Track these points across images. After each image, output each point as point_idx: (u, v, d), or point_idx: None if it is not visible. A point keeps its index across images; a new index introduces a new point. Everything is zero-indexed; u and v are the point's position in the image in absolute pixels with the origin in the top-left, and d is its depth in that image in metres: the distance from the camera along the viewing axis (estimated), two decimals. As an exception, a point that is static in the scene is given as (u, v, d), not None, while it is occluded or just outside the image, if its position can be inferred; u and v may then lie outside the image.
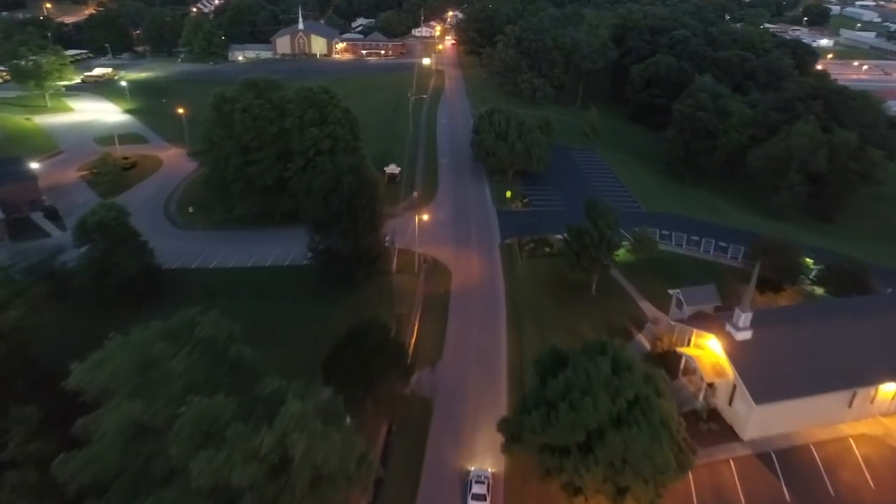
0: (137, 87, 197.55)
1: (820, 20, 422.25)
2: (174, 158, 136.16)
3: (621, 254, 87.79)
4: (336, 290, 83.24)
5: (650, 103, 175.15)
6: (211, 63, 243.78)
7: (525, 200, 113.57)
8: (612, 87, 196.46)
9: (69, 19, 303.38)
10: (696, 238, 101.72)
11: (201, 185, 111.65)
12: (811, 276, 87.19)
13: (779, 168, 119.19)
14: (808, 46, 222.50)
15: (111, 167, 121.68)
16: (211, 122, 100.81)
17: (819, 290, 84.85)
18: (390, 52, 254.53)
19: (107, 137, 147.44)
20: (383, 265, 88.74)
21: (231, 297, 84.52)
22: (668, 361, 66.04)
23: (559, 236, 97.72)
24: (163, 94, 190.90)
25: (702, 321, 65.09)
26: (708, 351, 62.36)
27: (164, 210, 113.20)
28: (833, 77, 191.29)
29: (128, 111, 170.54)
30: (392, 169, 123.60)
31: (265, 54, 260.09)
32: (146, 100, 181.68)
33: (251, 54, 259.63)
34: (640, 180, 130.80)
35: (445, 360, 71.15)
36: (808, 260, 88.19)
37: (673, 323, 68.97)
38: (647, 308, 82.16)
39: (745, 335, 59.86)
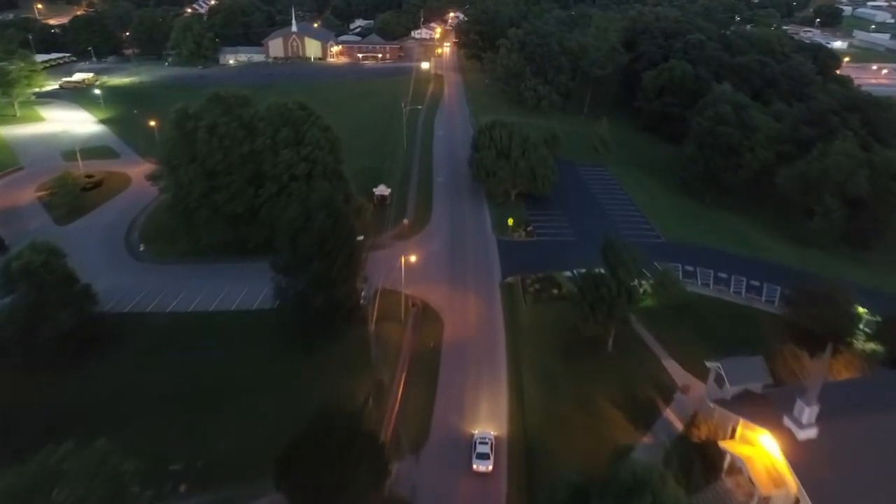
0: (118, 94, 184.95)
1: (832, 21, 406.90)
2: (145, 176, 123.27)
3: (643, 298, 74.47)
4: (309, 339, 70.30)
5: (664, 112, 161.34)
6: (200, 67, 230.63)
7: (529, 228, 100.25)
8: (622, 95, 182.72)
9: (59, 20, 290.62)
10: (724, 276, 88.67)
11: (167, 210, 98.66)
12: (866, 329, 73.70)
13: (812, 190, 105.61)
14: (829, 50, 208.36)
15: (70, 187, 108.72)
16: (171, 143, 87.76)
17: (874, 347, 71.35)
18: (387, 56, 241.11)
19: (75, 151, 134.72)
20: (363, 312, 75.55)
21: (187, 350, 72.58)
22: (708, 455, 52.92)
23: (568, 274, 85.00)
24: (144, 101, 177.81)
25: (750, 407, 51.72)
26: (760, 449, 49.14)
27: (125, 238, 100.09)
28: (856, 83, 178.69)
29: (102, 121, 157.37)
30: (381, 190, 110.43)
31: (258, 57, 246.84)
32: (125, 108, 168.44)
33: (243, 57, 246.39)
34: (657, 202, 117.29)
35: (432, 445, 58.01)
36: (861, 309, 74.70)
37: (712, 405, 55.57)
38: (674, 369, 68.90)
39: (810, 433, 46.67)
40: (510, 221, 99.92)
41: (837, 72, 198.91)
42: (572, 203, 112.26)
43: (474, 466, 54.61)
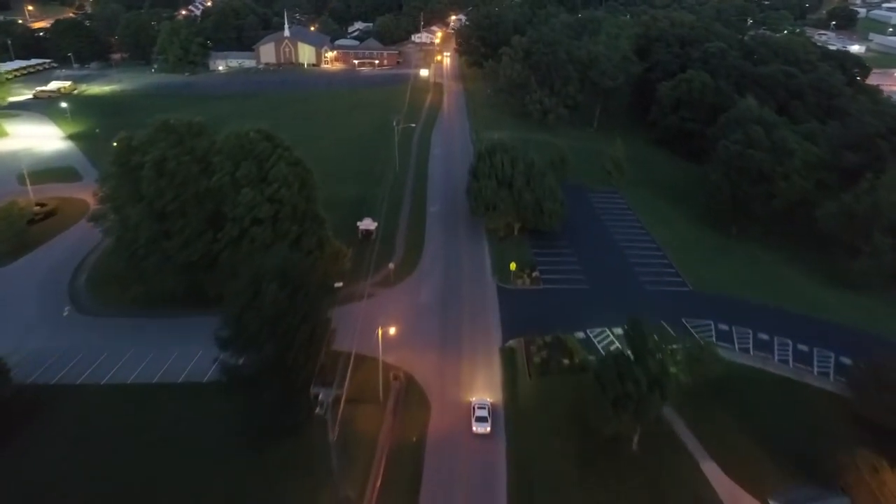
0: (93, 105, 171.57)
1: (847, 24, 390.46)
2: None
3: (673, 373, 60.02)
4: (261, 435, 56.40)
5: (681, 128, 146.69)
6: (187, 74, 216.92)
7: (534, 274, 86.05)
8: (635, 107, 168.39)
9: (47, 23, 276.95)
10: (765, 337, 74.29)
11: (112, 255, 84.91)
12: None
13: (859, 226, 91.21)
14: (856, 58, 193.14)
15: (15, 219, 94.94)
16: (114, 180, 73.97)
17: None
18: (385, 62, 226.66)
19: (36, 173, 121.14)
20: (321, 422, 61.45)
21: (117, 439, 58.84)
22: None
23: (580, 335, 71.06)
24: (121, 112, 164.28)
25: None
26: None
27: (70, 283, 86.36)
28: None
29: (70, 136, 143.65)
30: (366, 224, 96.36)
31: (249, 63, 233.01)
32: (98, 121, 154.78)
33: (234, 63, 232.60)
34: (679, 236, 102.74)
35: None
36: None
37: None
38: (716, 476, 54.86)
39: None
40: (512, 266, 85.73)
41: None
42: (583, 238, 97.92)
43: None
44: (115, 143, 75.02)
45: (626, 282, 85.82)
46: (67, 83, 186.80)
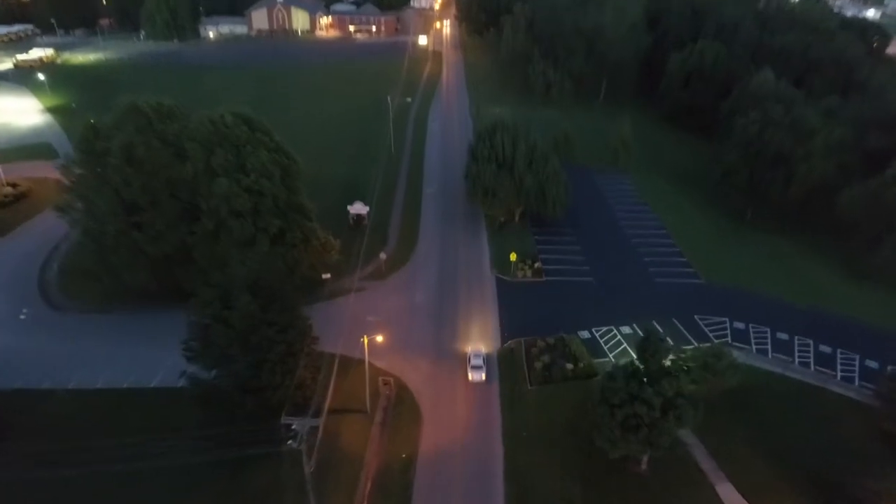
0: (75, 75, 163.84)
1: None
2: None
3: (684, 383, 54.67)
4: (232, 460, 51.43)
5: (692, 102, 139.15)
6: (175, 42, 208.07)
7: (536, 265, 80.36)
8: (643, 80, 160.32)
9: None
10: (784, 337, 68.95)
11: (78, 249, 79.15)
12: None
13: (885, 215, 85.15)
14: (877, 27, 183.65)
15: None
16: (79, 168, 67.90)
17: None
18: (382, 29, 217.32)
19: (9, 150, 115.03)
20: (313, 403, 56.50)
21: (77, 454, 53.66)
22: None
23: (585, 335, 65.88)
24: (104, 84, 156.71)
25: None
26: None
27: (40, 275, 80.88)
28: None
29: (49, 109, 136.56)
30: (358, 209, 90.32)
31: (241, 29, 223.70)
32: (79, 93, 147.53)
33: (225, 30, 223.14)
34: (689, 222, 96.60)
35: None
36: None
37: None
38: (733, 500, 49.86)
39: None
40: (513, 257, 79.98)
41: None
42: (588, 225, 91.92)
43: None
44: (81, 129, 68.38)
45: (635, 273, 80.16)
46: (49, 52, 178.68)
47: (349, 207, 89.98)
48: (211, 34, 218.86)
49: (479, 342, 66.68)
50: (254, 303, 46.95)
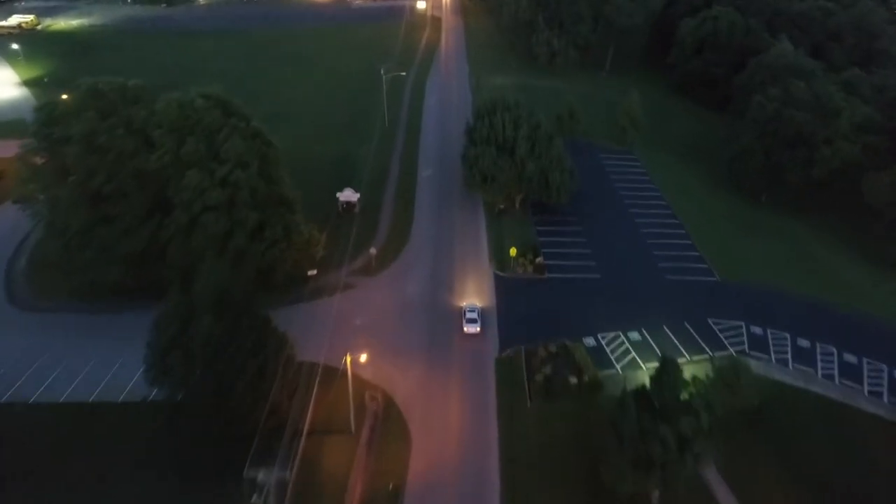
0: (57, 43, 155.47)
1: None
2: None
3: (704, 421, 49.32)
4: (205, 478, 46.52)
5: (704, 73, 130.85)
6: (164, 6, 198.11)
7: (538, 260, 74.37)
8: (652, 48, 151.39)
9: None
10: (805, 344, 63.34)
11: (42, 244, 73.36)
12: None
13: (915, 202, 78.91)
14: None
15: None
16: (34, 155, 61.61)
17: None
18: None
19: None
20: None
21: (30, 482, 49.32)
22: None
23: (591, 341, 60.56)
24: (87, 52, 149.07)
25: None
26: None
27: (7, 268, 75.26)
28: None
29: (26, 82, 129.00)
30: (348, 196, 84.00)
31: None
32: (61, 63, 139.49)
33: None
34: (702, 207, 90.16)
35: None
36: None
37: None
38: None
39: None
40: (512, 252, 73.98)
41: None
42: (594, 212, 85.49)
43: None
44: (35, 111, 61.85)
45: (644, 269, 74.18)
46: (30, 17, 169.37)
47: (339, 195, 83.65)
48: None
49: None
50: (217, 325, 41.31)
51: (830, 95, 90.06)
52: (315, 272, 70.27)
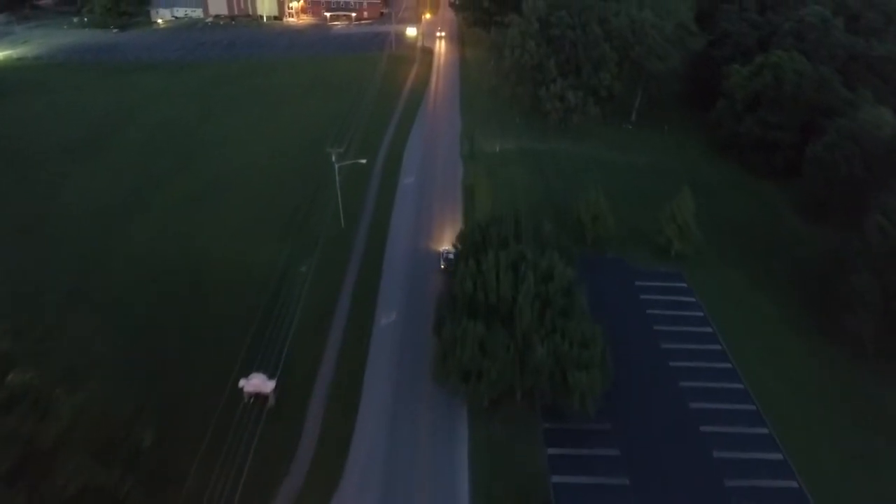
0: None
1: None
2: None
3: None
4: None
5: (762, 138, 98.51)
6: (114, 31, 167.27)
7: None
8: (689, 97, 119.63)
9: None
10: None
11: None
12: None
13: None
14: None
15: None
16: None
17: None
18: (364, 15, 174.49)
19: None
20: None
21: None
22: None
23: None
24: (7, 93, 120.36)
25: None
26: None
27: None
28: None
29: None
30: (256, 384, 52.66)
31: (200, 13, 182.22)
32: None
33: (180, 13, 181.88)
34: (794, 385, 58.32)
35: None
36: None
37: None
38: None
39: None
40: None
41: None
42: (636, 410, 53.94)
43: None
44: None
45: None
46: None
47: (242, 382, 52.51)
48: (160, 21, 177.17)
49: None
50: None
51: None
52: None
